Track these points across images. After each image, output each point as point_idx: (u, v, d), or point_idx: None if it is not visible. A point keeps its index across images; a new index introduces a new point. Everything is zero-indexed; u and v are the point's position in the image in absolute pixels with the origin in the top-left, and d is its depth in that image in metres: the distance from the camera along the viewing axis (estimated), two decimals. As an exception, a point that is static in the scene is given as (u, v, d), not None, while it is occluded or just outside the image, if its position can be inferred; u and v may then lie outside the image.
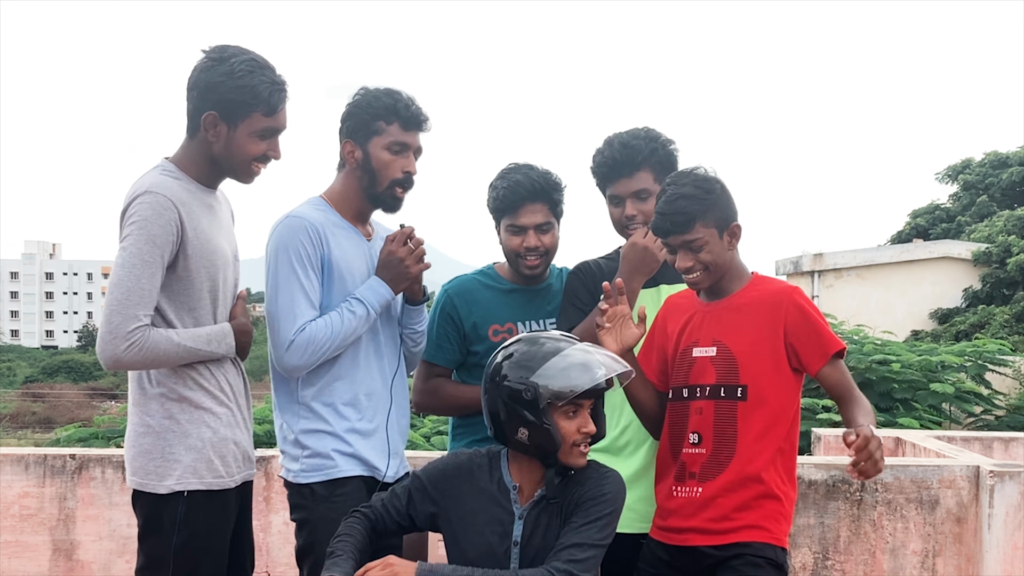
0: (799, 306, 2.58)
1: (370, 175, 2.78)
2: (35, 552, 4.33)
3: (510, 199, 3.00)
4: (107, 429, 9.45)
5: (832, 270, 17.99)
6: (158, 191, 2.48)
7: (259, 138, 2.58)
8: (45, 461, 4.35)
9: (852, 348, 9.83)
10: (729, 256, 2.61)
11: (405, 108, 2.77)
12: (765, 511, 2.56)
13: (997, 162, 27.28)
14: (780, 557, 2.57)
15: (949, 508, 4.13)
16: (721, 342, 2.62)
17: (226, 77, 2.51)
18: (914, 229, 27.87)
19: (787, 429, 2.60)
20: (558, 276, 3.19)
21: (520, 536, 2.32)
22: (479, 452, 2.45)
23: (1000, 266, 19.82)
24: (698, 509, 2.58)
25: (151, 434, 2.56)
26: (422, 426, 8.72)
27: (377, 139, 2.77)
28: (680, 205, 2.54)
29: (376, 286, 2.76)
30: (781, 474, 2.60)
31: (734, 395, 2.58)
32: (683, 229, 2.55)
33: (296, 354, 2.65)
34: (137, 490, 2.59)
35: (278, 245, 2.70)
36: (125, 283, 2.44)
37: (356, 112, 2.79)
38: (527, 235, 3.01)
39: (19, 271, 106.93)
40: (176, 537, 2.53)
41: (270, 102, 2.55)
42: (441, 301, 3.14)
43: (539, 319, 3.12)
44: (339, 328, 2.68)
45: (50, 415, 35.64)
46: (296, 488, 2.77)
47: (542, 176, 3.02)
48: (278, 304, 2.68)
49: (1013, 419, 10.08)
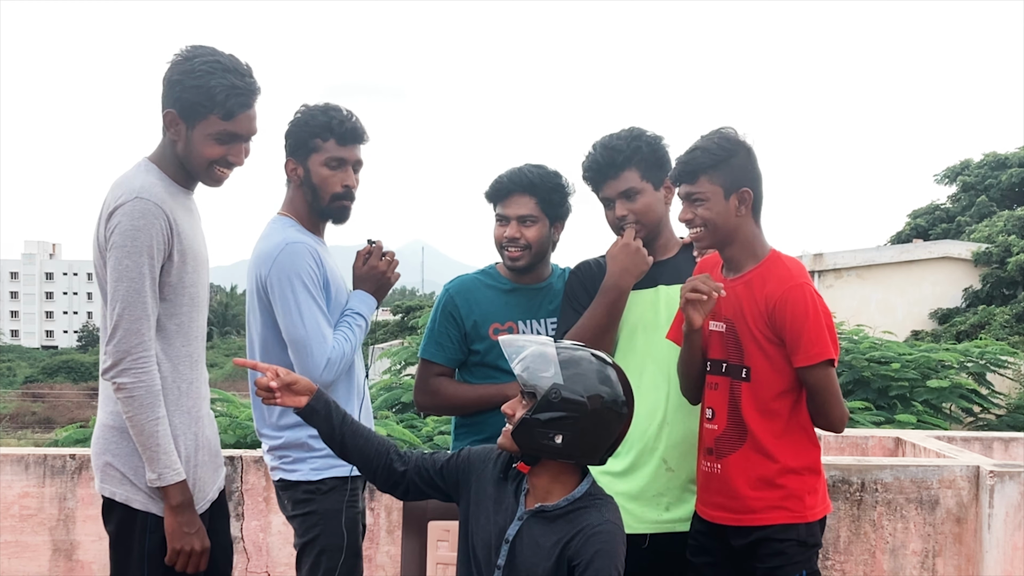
0: (786, 305, 2.55)
1: (312, 190, 2.89)
2: (35, 552, 4.33)
3: (497, 188, 3.08)
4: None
5: (832, 270, 17.99)
6: (147, 196, 2.46)
7: (216, 141, 2.55)
8: (45, 461, 4.35)
9: (851, 348, 9.84)
10: (736, 222, 2.60)
11: (340, 124, 2.87)
12: (786, 491, 2.57)
13: (996, 163, 27.25)
14: (805, 534, 2.57)
15: (949, 508, 4.13)
16: (729, 319, 2.64)
17: (184, 76, 2.50)
18: (914, 229, 27.84)
19: (790, 407, 2.60)
20: (560, 276, 3.20)
21: (511, 535, 2.32)
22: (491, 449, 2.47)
23: (1000, 266, 19.81)
24: (720, 487, 2.63)
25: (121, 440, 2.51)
26: (424, 426, 8.71)
27: (315, 156, 2.87)
28: (692, 155, 2.60)
29: (365, 298, 2.95)
30: (797, 448, 2.59)
31: (738, 375, 2.61)
32: (689, 179, 2.61)
33: (331, 371, 2.80)
34: (108, 499, 2.54)
35: (289, 272, 2.78)
36: (135, 304, 2.42)
37: (295, 130, 2.90)
38: (509, 225, 3.05)
39: (19, 271, 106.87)
40: (148, 542, 2.50)
41: (226, 105, 2.51)
42: (443, 300, 3.16)
43: (539, 318, 3.13)
44: (354, 341, 2.87)
45: (50, 415, 35.63)
46: (302, 486, 2.82)
47: (536, 170, 3.06)
48: (306, 328, 2.77)
49: (1013, 419, 10.09)
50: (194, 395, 2.60)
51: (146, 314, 2.44)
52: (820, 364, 2.53)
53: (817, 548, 2.63)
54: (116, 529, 2.54)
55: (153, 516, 2.50)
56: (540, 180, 3.04)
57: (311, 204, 2.90)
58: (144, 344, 2.43)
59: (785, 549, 2.55)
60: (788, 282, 2.58)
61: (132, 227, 2.42)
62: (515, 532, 2.29)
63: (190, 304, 2.58)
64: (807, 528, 2.59)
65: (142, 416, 2.43)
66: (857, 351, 9.66)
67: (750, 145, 2.64)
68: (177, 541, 2.48)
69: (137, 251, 2.42)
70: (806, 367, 2.54)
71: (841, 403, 2.60)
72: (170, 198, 2.53)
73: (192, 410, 2.59)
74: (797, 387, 2.60)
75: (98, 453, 2.54)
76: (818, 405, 2.57)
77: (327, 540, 2.77)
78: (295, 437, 2.83)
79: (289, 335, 2.78)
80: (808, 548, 2.59)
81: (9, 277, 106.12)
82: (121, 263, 2.42)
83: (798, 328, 2.54)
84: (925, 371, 9.68)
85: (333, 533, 2.77)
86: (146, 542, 2.50)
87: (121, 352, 2.42)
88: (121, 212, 2.43)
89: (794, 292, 2.56)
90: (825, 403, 2.56)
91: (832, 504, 4.12)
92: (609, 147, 2.91)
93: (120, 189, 2.48)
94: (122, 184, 2.50)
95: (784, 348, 2.57)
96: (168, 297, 2.52)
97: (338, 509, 2.79)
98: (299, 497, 2.83)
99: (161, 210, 2.46)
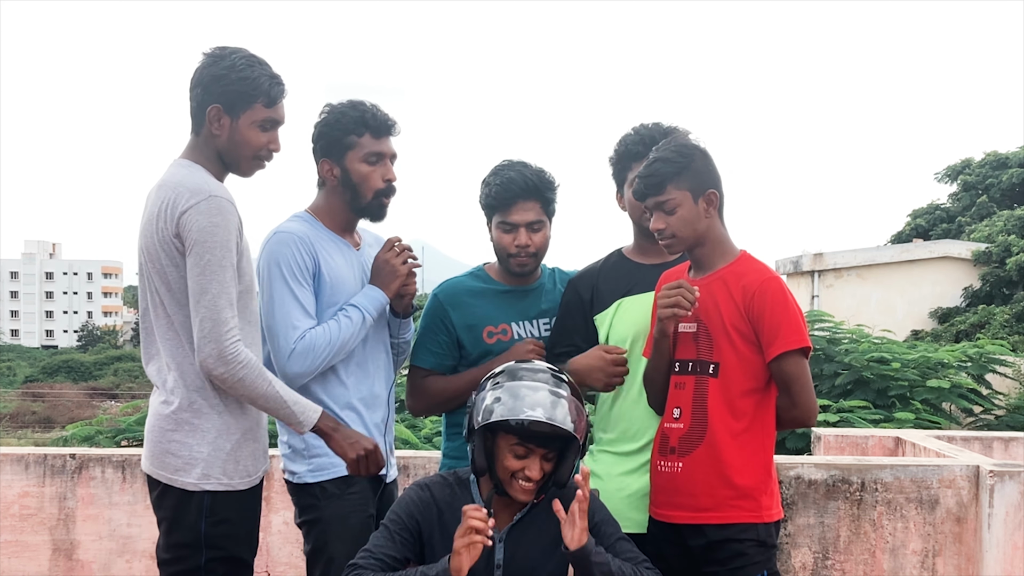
0: (764, 294, 2.60)
1: (352, 190, 2.86)
2: (35, 552, 4.33)
3: (503, 196, 2.98)
4: (110, 428, 9.47)
5: (832, 270, 17.99)
6: (220, 194, 2.54)
7: (260, 129, 2.64)
8: (45, 461, 4.35)
9: (851, 347, 9.84)
10: (706, 224, 2.66)
11: (373, 117, 2.84)
12: (742, 490, 2.60)
13: (997, 163, 27.26)
14: (764, 534, 2.60)
15: (949, 508, 4.13)
16: (700, 319, 2.67)
17: (228, 71, 2.60)
18: (914, 229, 27.85)
19: (755, 405, 2.63)
20: (550, 276, 3.18)
21: (502, 559, 2.35)
22: (441, 481, 2.47)
23: (1000, 266, 19.82)
24: (680, 485, 2.64)
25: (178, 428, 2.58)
26: (423, 427, 8.71)
27: (352, 153, 2.84)
28: (655, 167, 2.64)
29: (369, 291, 2.86)
30: (755, 448, 2.62)
31: (707, 371, 2.64)
32: (656, 191, 2.64)
33: (297, 361, 2.72)
34: (164, 484, 2.60)
35: (270, 260, 2.77)
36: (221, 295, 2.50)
37: (326, 131, 2.86)
38: (518, 233, 2.99)
39: (19, 271, 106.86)
40: (205, 524, 2.56)
41: (270, 93, 2.63)
42: (431, 306, 3.12)
43: (532, 319, 3.10)
44: (337, 335, 2.76)
45: (50, 415, 35.61)
46: (305, 489, 2.80)
47: (535, 174, 3.00)
48: (275, 316, 2.75)
49: (1013, 419, 10.08)
50: None
51: (231, 304, 2.53)
52: (798, 351, 2.58)
53: (775, 550, 2.66)
54: (172, 514, 2.59)
55: (208, 497, 2.55)
56: (541, 183, 3.00)
57: (350, 203, 2.88)
58: (233, 333, 2.52)
59: (745, 549, 2.57)
60: (765, 274, 2.66)
61: (212, 224, 2.50)
62: (503, 555, 2.37)
63: (247, 292, 2.67)
64: (765, 528, 2.61)
65: (259, 390, 2.54)
66: (857, 351, 9.66)
67: (704, 148, 2.70)
68: (350, 451, 2.62)
69: (219, 246, 2.51)
70: (784, 353, 2.57)
71: (813, 394, 2.65)
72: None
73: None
74: (764, 386, 2.64)
75: (155, 440, 2.60)
76: (793, 395, 2.60)
77: (335, 548, 2.72)
78: (320, 444, 2.76)
79: (265, 323, 2.78)
80: (767, 548, 2.61)
81: (9, 277, 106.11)
82: (203, 258, 2.50)
83: (778, 315, 2.59)
84: (925, 371, 9.69)
85: (341, 540, 2.72)
86: (202, 524, 2.55)
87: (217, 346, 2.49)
88: (196, 211, 2.51)
89: (772, 283, 2.64)
90: (799, 392, 2.60)
91: (832, 504, 4.14)
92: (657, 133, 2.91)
93: (184, 190, 2.54)
94: (183, 184, 2.55)
95: (755, 344, 2.61)
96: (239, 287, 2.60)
97: (344, 515, 2.75)
98: (305, 503, 2.81)
99: (233, 206, 2.57)
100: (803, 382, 2.60)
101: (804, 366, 2.61)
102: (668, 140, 2.71)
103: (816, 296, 17.56)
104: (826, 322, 10.61)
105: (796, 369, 2.59)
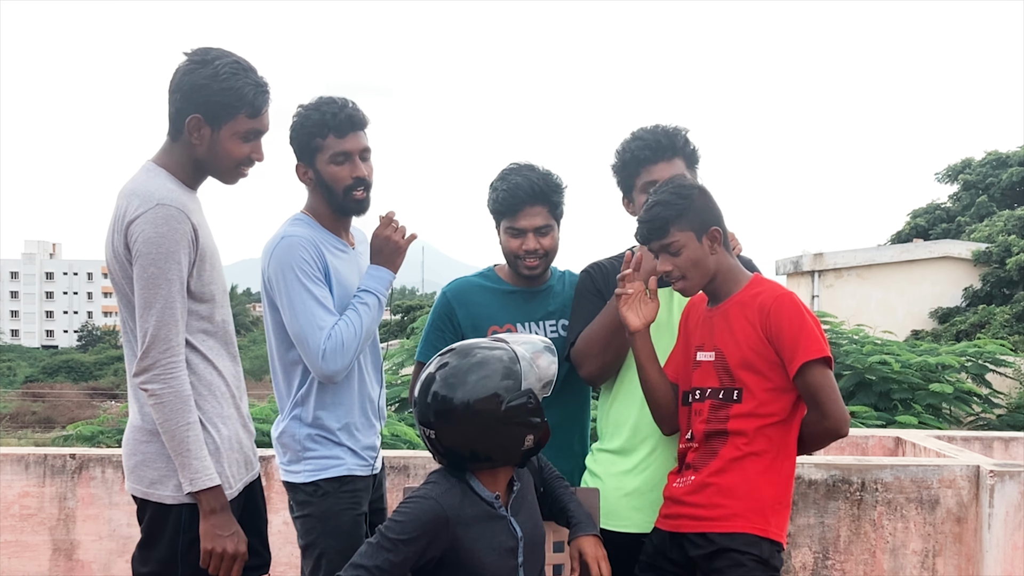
0: (780, 309, 2.59)
1: (326, 189, 2.87)
2: (35, 552, 4.33)
3: (510, 201, 3.00)
4: (112, 428, 9.50)
5: (832, 270, 17.98)
6: (168, 202, 2.44)
7: (242, 140, 2.56)
8: (45, 461, 4.35)
9: (852, 348, 9.83)
10: (714, 260, 2.66)
11: (333, 118, 2.81)
12: (752, 503, 2.58)
13: (997, 162, 27.23)
14: (767, 552, 2.57)
15: (949, 508, 4.13)
16: (718, 347, 2.67)
17: (211, 80, 2.49)
18: (914, 229, 27.83)
19: (776, 433, 2.61)
20: (559, 279, 3.19)
21: (522, 532, 2.41)
22: (435, 488, 2.35)
23: (1000, 266, 19.80)
24: (690, 493, 2.63)
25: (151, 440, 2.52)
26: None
27: (320, 156, 2.85)
28: (655, 211, 2.64)
29: (375, 272, 2.88)
30: (773, 476, 2.61)
31: (730, 398, 2.63)
32: (660, 235, 2.64)
33: (332, 360, 2.73)
34: (141, 498, 2.55)
35: (282, 266, 2.76)
36: (165, 312, 2.41)
37: (296, 135, 2.87)
38: (527, 238, 3.01)
39: (19, 271, 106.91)
40: (181, 541, 2.50)
41: (255, 103, 2.54)
42: (439, 304, 3.15)
43: (538, 320, 3.11)
44: (360, 324, 2.78)
45: (50, 415, 35.60)
46: (301, 488, 2.82)
47: (542, 178, 3.01)
48: (299, 321, 2.74)
49: (1013, 419, 10.08)
50: (220, 392, 2.59)
51: (175, 320, 2.44)
52: (820, 361, 2.55)
53: (776, 574, 2.61)
54: (148, 528, 2.54)
55: (187, 512, 2.49)
56: (548, 187, 3.01)
57: (330, 202, 2.88)
58: (173, 351, 2.43)
59: (745, 562, 2.54)
60: (779, 291, 2.66)
61: (157, 234, 2.40)
62: (521, 530, 2.40)
63: (213, 302, 2.59)
64: (770, 547, 2.58)
65: (173, 422, 2.43)
66: (859, 353, 9.65)
67: (702, 185, 2.72)
68: (209, 542, 2.46)
69: (164, 258, 2.41)
70: (807, 364, 2.55)
71: (842, 403, 2.61)
72: (188, 200, 2.52)
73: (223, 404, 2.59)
74: (785, 413, 2.62)
75: (129, 454, 2.56)
76: (821, 406, 2.57)
77: (326, 543, 2.75)
78: (293, 431, 2.82)
79: (290, 330, 2.78)
80: (769, 569, 2.57)
81: (9, 277, 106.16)
82: (147, 271, 2.41)
83: (796, 327, 2.57)
84: (927, 374, 9.68)
85: (332, 536, 2.76)
86: (179, 541, 2.50)
87: (151, 360, 2.42)
88: (143, 220, 2.41)
89: (786, 298, 2.63)
90: (827, 402, 2.56)
91: (832, 504, 4.15)
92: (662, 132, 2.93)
93: (135, 197, 2.46)
94: (136, 192, 2.47)
95: (778, 365, 2.59)
96: (197, 298, 2.52)
97: (336, 512, 2.78)
98: (299, 499, 2.84)
99: (184, 214, 2.45)
100: (828, 391, 2.56)
101: (829, 376, 2.58)
102: (665, 183, 2.70)
103: (816, 296, 17.55)
104: (826, 322, 10.62)
105: (821, 379, 2.55)
